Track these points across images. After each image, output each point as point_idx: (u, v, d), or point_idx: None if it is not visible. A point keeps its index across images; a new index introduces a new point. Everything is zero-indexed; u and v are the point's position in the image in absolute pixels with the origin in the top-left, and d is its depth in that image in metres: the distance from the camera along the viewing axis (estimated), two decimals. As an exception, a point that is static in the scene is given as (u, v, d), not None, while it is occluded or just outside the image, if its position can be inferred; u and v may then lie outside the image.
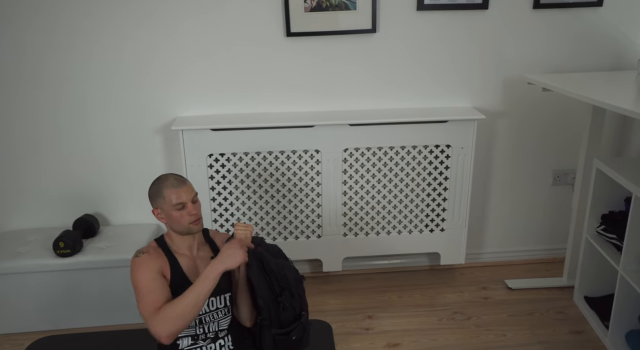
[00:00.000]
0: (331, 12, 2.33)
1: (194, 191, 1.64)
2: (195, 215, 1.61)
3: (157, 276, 1.56)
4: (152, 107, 2.44)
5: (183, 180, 1.63)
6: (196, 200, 1.64)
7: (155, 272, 1.57)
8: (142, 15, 2.30)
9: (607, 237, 2.20)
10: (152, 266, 1.57)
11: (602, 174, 2.18)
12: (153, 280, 1.55)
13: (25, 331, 2.33)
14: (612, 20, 2.44)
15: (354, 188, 2.49)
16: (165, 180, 1.62)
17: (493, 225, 2.77)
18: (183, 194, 1.60)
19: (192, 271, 1.64)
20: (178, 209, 1.59)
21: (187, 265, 1.65)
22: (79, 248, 2.30)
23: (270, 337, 1.65)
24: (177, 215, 1.59)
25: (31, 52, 2.32)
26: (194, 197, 1.63)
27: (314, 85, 2.46)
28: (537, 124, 2.60)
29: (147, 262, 1.58)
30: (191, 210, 1.60)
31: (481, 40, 2.44)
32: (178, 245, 1.66)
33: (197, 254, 1.68)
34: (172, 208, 1.59)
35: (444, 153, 2.45)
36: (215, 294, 1.63)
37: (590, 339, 2.22)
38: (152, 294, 1.52)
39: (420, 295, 2.55)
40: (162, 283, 1.56)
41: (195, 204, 1.63)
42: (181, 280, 1.61)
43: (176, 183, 1.61)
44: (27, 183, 2.51)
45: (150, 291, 1.53)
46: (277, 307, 1.63)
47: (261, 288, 1.62)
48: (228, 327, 1.69)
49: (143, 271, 1.56)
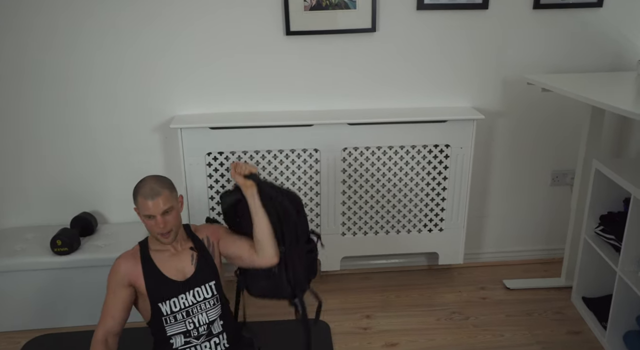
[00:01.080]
0: (331, 11, 2.32)
1: (168, 204, 1.61)
2: (163, 228, 1.60)
3: (118, 289, 1.66)
4: (150, 106, 2.43)
5: (157, 191, 1.60)
6: (169, 211, 1.62)
7: (118, 285, 1.66)
8: (140, 14, 2.29)
9: (605, 237, 2.20)
10: (117, 277, 1.67)
11: (601, 174, 2.18)
12: (112, 294, 1.66)
13: (22, 329, 2.32)
14: (611, 21, 2.44)
15: (353, 187, 2.48)
16: (142, 186, 1.63)
17: (492, 225, 2.77)
18: (152, 207, 1.59)
19: (172, 266, 1.69)
20: (147, 218, 1.62)
21: (167, 261, 1.69)
22: (76, 246, 2.30)
23: (298, 259, 1.73)
24: (147, 223, 1.63)
25: (31, 51, 2.31)
26: (166, 210, 1.60)
27: (313, 84, 2.46)
28: (536, 124, 2.60)
29: (115, 272, 1.68)
30: (159, 223, 1.60)
31: (481, 40, 2.44)
32: (159, 244, 1.69)
33: (180, 248, 1.72)
34: (142, 216, 1.63)
35: (443, 153, 2.45)
36: (200, 284, 1.68)
37: (588, 340, 2.22)
38: (107, 308, 1.65)
39: (418, 295, 2.55)
40: (120, 298, 1.65)
41: (166, 217, 1.61)
42: (158, 279, 1.66)
43: (149, 193, 1.60)
44: (24, 181, 2.51)
45: (106, 304, 1.66)
46: (299, 220, 1.73)
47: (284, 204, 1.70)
48: (223, 323, 1.70)
49: (110, 280, 1.68)
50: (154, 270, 1.67)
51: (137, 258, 1.69)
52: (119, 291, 1.66)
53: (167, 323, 1.65)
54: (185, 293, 1.66)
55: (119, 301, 1.65)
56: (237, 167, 1.68)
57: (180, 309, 1.65)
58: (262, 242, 1.68)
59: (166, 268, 1.68)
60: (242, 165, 1.68)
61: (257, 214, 1.68)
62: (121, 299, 1.65)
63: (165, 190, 1.62)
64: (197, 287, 1.68)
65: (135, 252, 1.72)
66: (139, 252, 1.71)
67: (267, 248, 1.68)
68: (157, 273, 1.67)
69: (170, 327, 1.65)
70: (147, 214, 1.60)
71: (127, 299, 1.67)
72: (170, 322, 1.65)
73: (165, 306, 1.65)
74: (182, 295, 1.66)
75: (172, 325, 1.65)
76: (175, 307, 1.65)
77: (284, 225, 1.70)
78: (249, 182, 1.68)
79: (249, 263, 1.72)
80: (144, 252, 1.71)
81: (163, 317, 1.65)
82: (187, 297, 1.66)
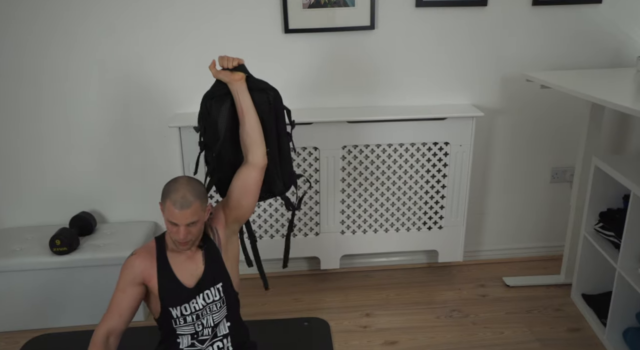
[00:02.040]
0: (329, 8, 2.31)
1: (196, 216, 1.52)
2: (183, 238, 1.53)
3: (129, 287, 1.58)
4: (149, 104, 2.43)
5: (188, 203, 1.50)
6: (195, 223, 1.54)
7: (130, 283, 1.58)
8: (138, 12, 2.28)
9: (605, 234, 2.20)
10: (131, 274, 1.59)
11: (600, 171, 2.17)
12: (122, 291, 1.58)
13: (21, 329, 2.32)
14: (611, 17, 2.43)
15: (352, 185, 2.48)
16: (174, 191, 1.52)
17: (491, 223, 2.77)
18: (179, 216, 1.50)
19: (186, 270, 1.62)
20: (171, 224, 1.54)
21: (182, 264, 1.63)
22: (75, 246, 2.29)
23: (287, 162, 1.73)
24: (169, 227, 1.56)
25: (30, 51, 2.30)
26: (191, 221, 1.52)
27: (312, 82, 2.45)
28: (536, 121, 2.60)
29: (128, 268, 1.59)
30: (181, 232, 1.52)
31: (480, 37, 2.43)
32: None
33: (195, 250, 1.65)
34: (166, 218, 1.55)
35: (443, 150, 2.44)
36: (209, 286, 1.63)
37: (587, 337, 2.22)
38: (113, 305, 1.57)
39: (418, 292, 2.55)
40: (129, 297, 1.58)
41: (190, 228, 1.53)
42: (170, 281, 1.60)
43: (179, 202, 1.50)
44: (23, 181, 2.50)
45: (114, 302, 1.58)
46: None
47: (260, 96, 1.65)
48: (229, 326, 1.68)
49: (122, 276, 1.59)
50: (168, 274, 1.60)
51: (153, 256, 1.61)
52: (130, 289, 1.57)
53: (177, 324, 1.62)
54: (196, 297, 1.61)
55: (128, 299, 1.58)
56: (222, 60, 1.57)
57: (191, 312, 1.61)
58: (253, 142, 1.61)
59: (181, 272, 1.61)
60: (227, 58, 1.57)
61: (248, 112, 1.60)
62: (131, 298, 1.58)
63: (197, 201, 1.52)
64: (207, 289, 1.62)
65: (151, 249, 1.63)
66: (155, 249, 1.62)
67: (259, 147, 1.62)
68: (172, 277, 1.60)
69: (179, 328, 1.62)
70: (172, 221, 1.52)
71: (138, 297, 1.59)
72: (179, 323, 1.62)
73: (176, 310, 1.60)
74: (194, 300, 1.61)
75: (181, 326, 1.62)
76: (186, 311, 1.61)
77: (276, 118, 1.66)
78: (237, 75, 1.57)
79: (252, 181, 1.64)
80: (160, 250, 1.62)
81: (173, 319, 1.61)
82: (197, 301, 1.61)
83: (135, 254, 1.62)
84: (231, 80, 1.63)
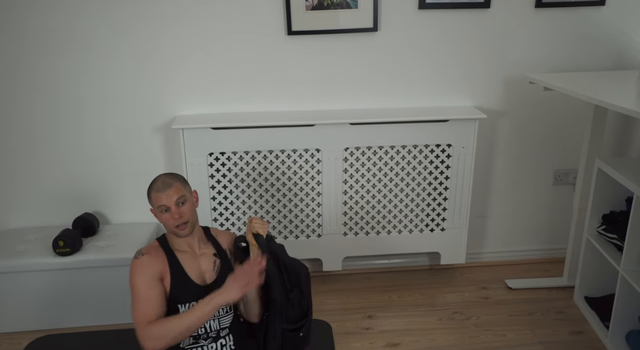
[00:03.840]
0: (332, 10, 2.32)
1: (181, 192, 1.58)
2: (178, 219, 1.56)
3: (153, 284, 1.56)
4: (152, 106, 2.43)
5: (169, 183, 1.58)
6: (184, 202, 1.58)
7: (153, 279, 1.57)
8: (141, 13, 2.29)
9: (607, 237, 2.19)
10: (150, 271, 1.58)
11: (603, 173, 2.17)
12: (148, 289, 1.55)
13: (24, 330, 2.32)
14: (614, 20, 2.43)
15: (355, 187, 2.48)
16: (154, 182, 1.61)
17: (494, 225, 2.77)
18: (164, 197, 1.56)
19: (194, 269, 1.64)
20: (162, 211, 1.58)
21: (189, 262, 1.64)
22: (78, 247, 2.30)
23: (277, 332, 1.63)
24: (163, 218, 1.59)
25: (29, 52, 2.31)
26: (179, 199, 1.57)
27: (315, 84, 2.46)
28: (539, 124, 2.59)
29: (145, 266, 1.58)
30: (174, 214, 1.56)
31: (483, 39, 2.43)
32: (179, 244, 1.65)
33: (200, 252, 1.67)
34: (157, 210, 1.60)
35: (445, 152, 2.44)
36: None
37: (590, 339, 2.21)
38: (146, 304, 1.54)
39: (420, 294, 2.55)
40: (158, 292, 1.56)
41: (180, 207, 1.57)
42: (182, 279, 1.61)
43: (160, 186, 1.57)
44: (27, 182, 2.51)
45: (144, 301, 1.54)
46: (287, 303, 1.63)
47: (275, 282, 1.61)
48: (230, 325, 1.68)
49: (140, 276, 1.57)
50: (179, 270, 1.62)
51: (161, 252, 1.63)
52: (155, 285, 1.56)
53: None
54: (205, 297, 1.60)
55: (158, 295, 1.55)
56: (251, 222, 1.63)
57: None
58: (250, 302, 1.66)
59: (189, 269, 1.63)
60: (254, 221, 1.63)
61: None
62: (160, 293, 1.56)
63: (177, 182, 1.59)
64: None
65: (157, 248, 1.64)
66: (162, 249, 1.64)
67: (253, 309, 1.67)
68: (183, 273, 1.61)
69: None
70: (161, 205, 1.55)
71: (163, 292, 1.58)
72: None
73: (183, 308, 1.60)
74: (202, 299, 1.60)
75: None
76: None
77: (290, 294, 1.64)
78: (254, 242, 1.62)
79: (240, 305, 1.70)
80: (167, 249, 1.64)
81: None
82: None
83: (146, 254, 1.62)
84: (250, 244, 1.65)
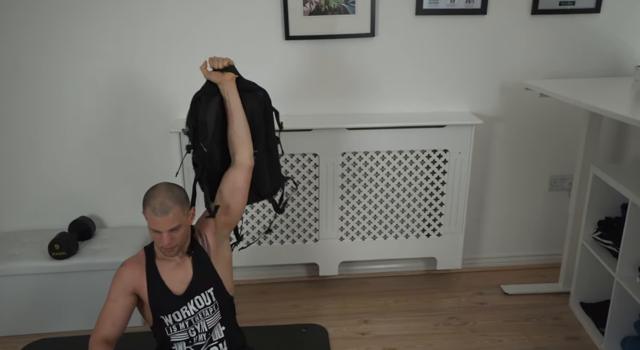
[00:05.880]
0: (330, 15, 2.33)
1: (177, 222, 1.51)
2: (167, 244, 1.52)
3: (121, 297, 1.59)
4: (149, 109, 2.43)
5: (167, 208, 1.49)
6: (177, 229, 1.53)
7: (122, 291, 1.59)
8: (140, 17, 2.30)
9: (603, 243, 2.20)
10: (122, 284, 1.60)
11: (598, 180, 2.18)
12: (114, 301, 1.59)
13: (19, 334, 2.31)
14: (609, 27, 2.45)
15: (351, 192, 2.48)
16: (153, 198, 1.51)
17: (490, 231, 2.77)
18: (159, 223, 1.50)
19: (175, 278, 1.62)
20: (153, 231, 1.54)
21: (170, 272, 1.63)
22: (74, 250, 2.29)
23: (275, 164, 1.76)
24: (153, 235, 1.55)
25: (29, 53, 2.31)
26: (173, 227, 1.51)
27: (312, 88, 2.46)
28: (535, 130, 2.60)
29: (119, 278, 1.61)
30: (164, 239, 1.51)
31: (479, 46, 2.45)
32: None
33: (185, 257, 1.64)
34: (148, 226, 1.54)
35: (442, 158, 2.45)
36: (200, 291, 1.63)
37: (585, 345, 2.21)
38: (105, 317, 1.57)
39: (416, 300, 2.55)
40: (122, 306, 1.59)
41: (172, 233, 1.52)
42: (160, 290, 1.61)
43: (158, 208, 1.49)
44: (23, 184, 2.50)
45: (105, 312, 1.58)
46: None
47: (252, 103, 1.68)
48: (225, 332, 1.68)
49: (112, 286, 1.61)
50: (158, 282, 1.61)
51: (143, 266, 1.62)
52: (122, 299, 1.58)
53: (170, 332, 1.62)
54: (187, 303, 1.61)
55: (120, 309, 1.59)
56: (213, 61, 1.59)
57: (182, 319, 1.61)
58: (241, 142, 1.63)
59: (170, 279, 1.62)
60: (217, 58, 1.59)
61: (237, 112, 1.61)
62: (123, 307, 1.59)
63: (176, 206, 1.51)
64: (197, 295, 1.62)
65: (140, 258, 1.64)
66: (144, 258, 1.64)
67: (247, 147, 1.64)
68: (161, 285, 1.60)
69: (173, 335, 1.63)
70: (154, 228, 1.52)
71: (130, 307, 1.61)
72: (172, 331, 1.62)
73: (167, 318, 1.61)
74: (184, 307, 1.61)
75: (175, 333, 1.62)
76: (177, 318, 1.61)
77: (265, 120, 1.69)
78: (228, 76, 1.60)
79: (241, 182, 1.65)
80: (149, 259, 1.63)
81: (165, 327, 1.62)
82: (188, 307, 1.61)
83: (125, 265, 1.64)
84: (222, 81, 1.64)
